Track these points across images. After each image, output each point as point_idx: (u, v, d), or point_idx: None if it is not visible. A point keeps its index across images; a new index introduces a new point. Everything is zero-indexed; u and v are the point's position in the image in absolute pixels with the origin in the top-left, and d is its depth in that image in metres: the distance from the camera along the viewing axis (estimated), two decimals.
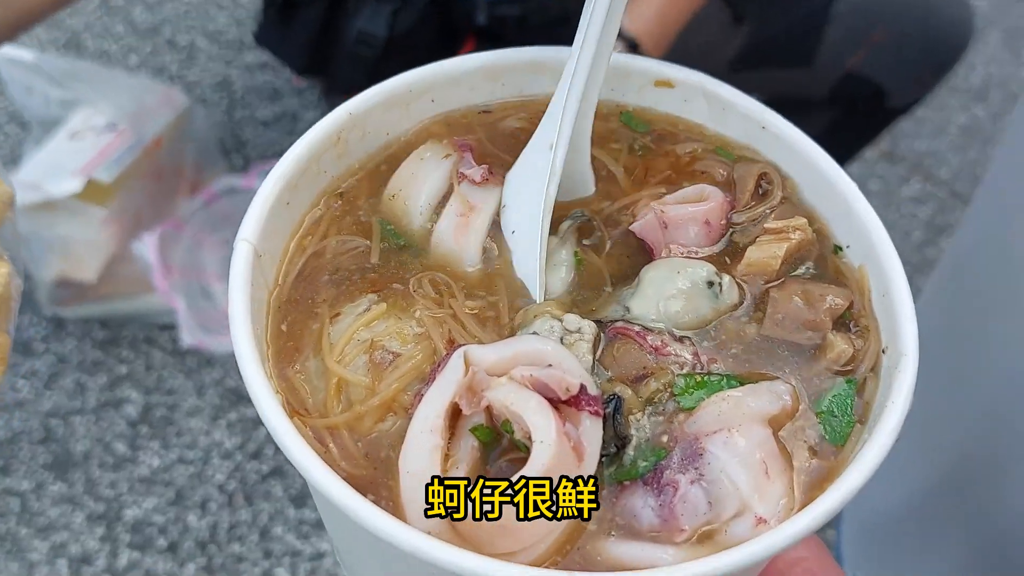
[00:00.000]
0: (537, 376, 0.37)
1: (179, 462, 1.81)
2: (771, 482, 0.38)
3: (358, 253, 0.46)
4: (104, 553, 1.70)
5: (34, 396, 1.87)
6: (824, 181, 0.47)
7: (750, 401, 0.39)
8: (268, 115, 2.33)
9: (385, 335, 0.41)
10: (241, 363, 0.38)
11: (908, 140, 2.76)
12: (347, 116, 0.46)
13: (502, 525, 0.35)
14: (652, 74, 0.50)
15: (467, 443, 0.38)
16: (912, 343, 0.40)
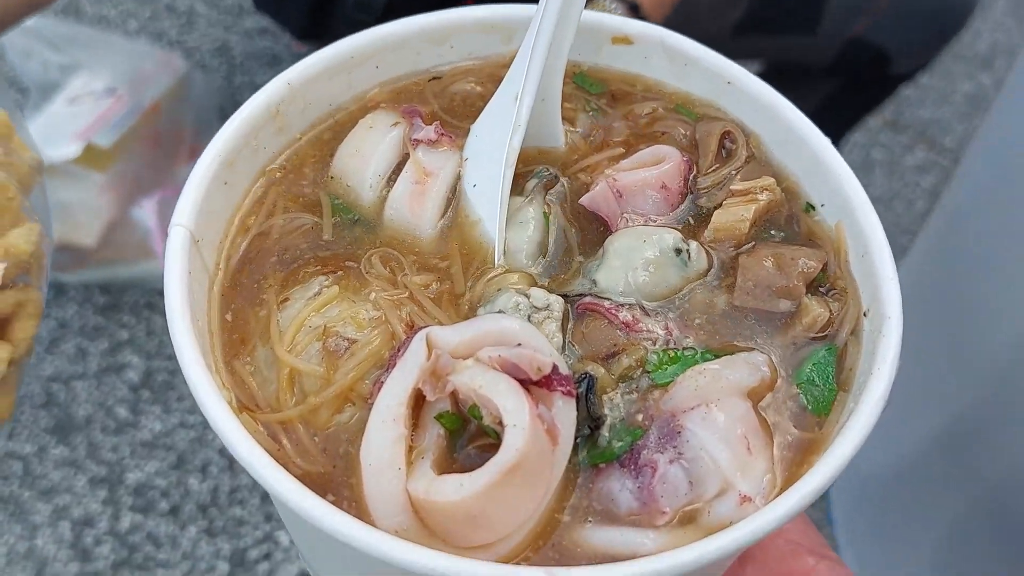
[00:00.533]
0: (506, 357, 0.35)
1: (180, 427, 1.82)
2: (754, 458, 0.36)
3: (306, 231, 0.43)
4: (106, 516, 1.71)
5: (35, 360, 1.86)
6: (793, 136, 0.44)
7: (727, 374, 0.37)
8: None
9: (339, 320, 0.39)
10: (181, 359, 0.36)
11: (912, 108, 2.73)
12: (286, 87, 0.44)
13: (474, 516, 0.33)
14: (608, 30, 0.47)
15: (432, 432, 0.36)
16: (896, 305, 0.38)
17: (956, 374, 0.76)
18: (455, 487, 0.33)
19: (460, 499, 0.32)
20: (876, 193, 2.61)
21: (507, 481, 0.32)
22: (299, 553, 0.48)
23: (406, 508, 0.33)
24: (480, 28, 0.47)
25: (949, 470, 0.77)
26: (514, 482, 0.33)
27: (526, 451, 0.33)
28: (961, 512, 0.75)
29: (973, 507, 0.73)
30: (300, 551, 0.46)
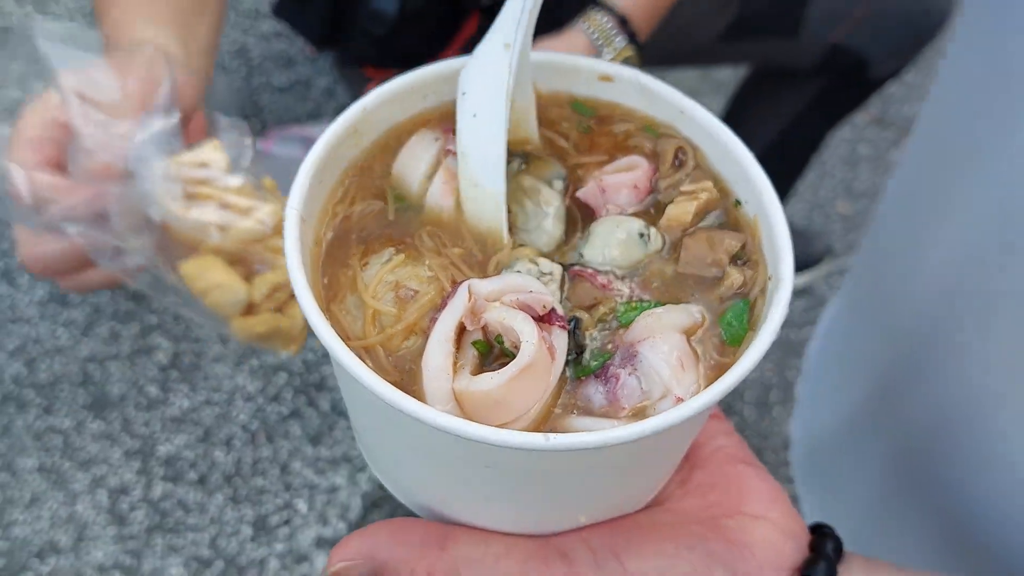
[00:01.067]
0: (522, 299, 0.48)
1: (206, 404, 1.92)
2: (685, 373, 0.48)
3: (376, 214, 0.54)
4: (140, 485, 1.82)
5: (73, 343, 1.98)
6: (727, 151, 0.55)
7: (668, 316, 0.49)
8: (283, 81, 2.41)
9: (406, 277, 0.51)
10: (301, 302, 0.47)
11: (897, 105, 2.83)
12: (361, 111, 0.55)
13: (495, 400, 0.45)
14: (597, 71, 0.59)
15: (469, 352, 0.48)
16: (788, 273, 0.49)
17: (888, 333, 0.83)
18: (487, 379, 0.45)
19: (490, 388, 0.45)
20: (862, 187, 2.71)
21: (521, 376, 0.45)
22: (359, 441, 0.59)
23: (451, 399, 0.45)
24: None
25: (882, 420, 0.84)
26: (526, 378, 0.45)
27: (535, 357, 0.45)
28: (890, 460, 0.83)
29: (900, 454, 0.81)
30: (361, 437, 0.57)
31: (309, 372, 1.97)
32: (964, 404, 0.70)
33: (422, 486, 0.53)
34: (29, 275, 2.05)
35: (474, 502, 0.50)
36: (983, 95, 0.65)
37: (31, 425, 1.88)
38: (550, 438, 0.42)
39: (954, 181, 0.71)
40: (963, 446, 0.70)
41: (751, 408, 2.41)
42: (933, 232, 0.75)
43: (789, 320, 2.47)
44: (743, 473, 0.54)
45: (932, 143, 0.78)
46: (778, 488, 0.54)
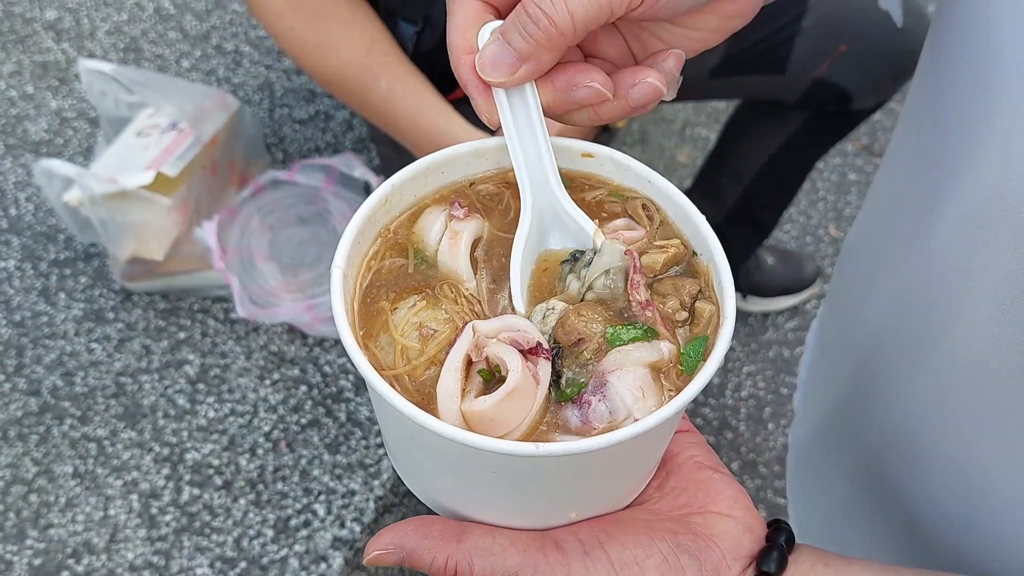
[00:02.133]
0: (512, 336, 0.57)
1: (231, 414, 2.02)
2: (645, 399, 0.55)
3: (399, 268, 0.63)
4: (169, 489, 1.92)
5: (107, 357, 2.10)
6: (684, 213, 0.63)
7: (635, 353, 0.57)
8: (304, 115, 2.52)
9: (428, 319, 0.60)
10: (345, 344, 0.56)
11: (886, 134, 2.94)
12: (390, 187, 0.64)
13: (491, 417, 0.54)
14: (579, 149, 0.66)
15: (475, 379, 0.57)
16: (731, 312, 0.57)
17: (848, 348, 0.88)
18: (482, 401, 0.54)
19: (485, 408, 0.53)
20: (851, 212, 2.82)
21: (509, 398, 0.53)
22: (388, 451, 0.67)
23: (460, 417, 0.54)
24: (501, 148, 0.66)
25: (847, 430, 0.89)
26: (513, 400, 0.54)
27: (519, 383, 0.54)
28: (857, 465, 0.88)
29: (858, 463, 0.86)
30: (391, 448, 0.65)
31: (327, 385, 2.09)
32: (914, 415, 0.76)
33: (440, 489, 0.61)
34: (65, 294, 2.18)
35: (483, 502, 0.59)
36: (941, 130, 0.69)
37: (67, 434, 1.99)
38: (539, 447, 0.52)
39: (911, 210, 0.76)
40: (915, 452, 0.77)
41: (746, 424, 2.50)
42: (890, 259, 0.80)
43: (781, 339, 2.58)
44: (711, 478, 0.61)
45: (896, 171, 0.82)
46: (741, 491, 0.61)
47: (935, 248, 0.70)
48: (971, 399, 0.68)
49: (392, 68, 1.60)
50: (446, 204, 0.66)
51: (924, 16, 2.00)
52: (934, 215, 0.70)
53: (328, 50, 1.59)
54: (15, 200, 2.36)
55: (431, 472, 0.61)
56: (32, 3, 2.82)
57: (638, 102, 0.59)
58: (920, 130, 0.75)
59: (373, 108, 1.63)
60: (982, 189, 0.62)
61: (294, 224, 2.13)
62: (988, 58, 0.61)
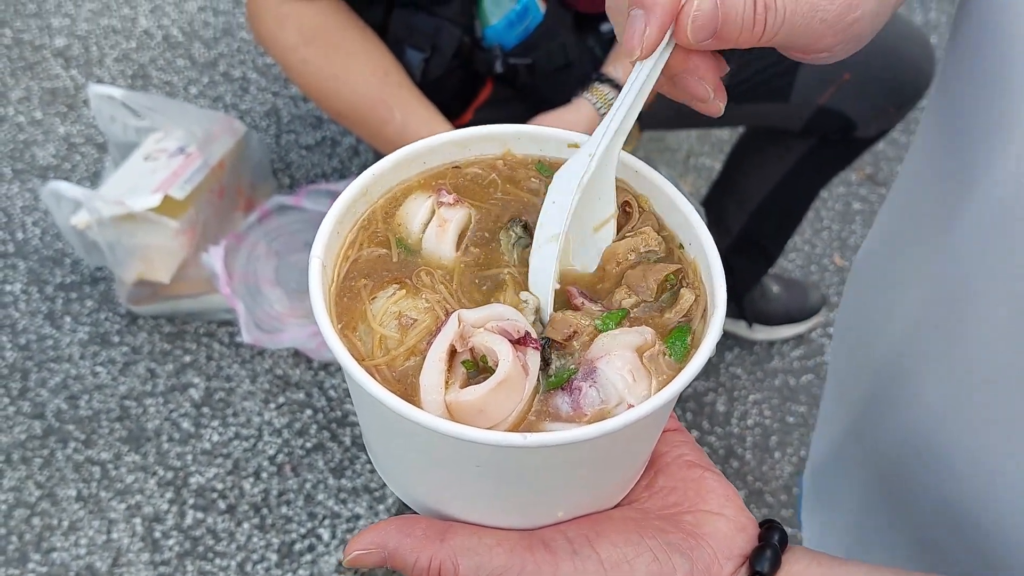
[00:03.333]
0: (501, 325, 0.55)
1: (236, 438, 2.01)
2: (636, 383, 0.54)
3: (380, 258, 0.62)
4: (173, 513, 1.90)
5: (111, 380, 2.09)
6: (671, 202, 0.62)
7: (622, 337, 0.56)
8: (311, 140, 2.53)
9: (407, 308, 0.58)
10: (324, 333, 0.54)
11: (890, 163, 2.94)
12: (371, 176, 0.63)
13: (479, 408, 0.52)
14: (565, 139, 0.66)
15: (459, 370, 0.55)
16: (722, 299, 0.56)
17: (862, 360, 0.88)
18: (472, 391, 0.52)
19: (474, 398, 0.52)
20: (856, 241, 2.82)
21: (499, 388, 0.52)
22: (368, 448, 0.64)
23: (444, 408, 0.53)
24: (486, 138, 0.66)
25: (861, 446, 0.89)
26: (503, 390, 0.52)
27: (510, 373, 0.52)
28: (868, 483, 0.87)
29: (875, 477, 0.85)
30: (370, 444, 0.63)
31: (332, 409, 2.08)
32: (931, 423, 0.76)
33: (423, 487, 0.59)
34: (71, 317, 2.18)
35: (467, 500, 0.57)
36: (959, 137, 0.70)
37: (71, 457, 1.98)
38: (527, 437, 0.50)
39: (929, 220, 0.76)
40: (932, 462, 0.77)
41: (752, 453, 2.48)
42: (904, 277, 0.80)
43: (787, 368, 2.57)
44: (701, 477, 0.59)
45: (908, 194, 0.83)
46: (732, 489, 0.59)
47: (955, 255, 0.70)
48: (991, 405, 0.68)
49: (405, 99, 1.61)
50: (431, 191, 0.65)
51: (928, 45, 2.01)
52: (953, 223, 0.70)
53: (341, 83, 1.60)
54: (22, 224, 2.37)
55: (413, 468, 0.60)
56: (42, 30, 2.85)
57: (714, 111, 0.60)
58: (938, 140, 0.75)
59: (387, 140, 1.63)
60: (1001, 195, 0.62)
61: (300, 249, 2.13)
62: (1006, 66, 0.61)
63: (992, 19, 0.63)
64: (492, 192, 0.66)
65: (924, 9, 3.28)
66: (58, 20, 2.88)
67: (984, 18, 0.64)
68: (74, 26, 2.87)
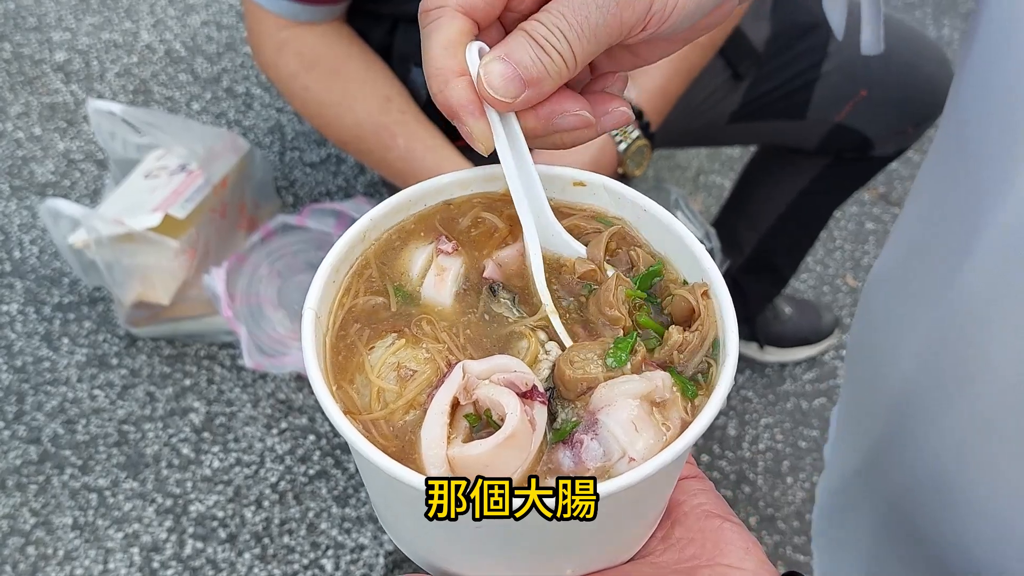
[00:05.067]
0: (508, 377, 0.53)
1: (237, 464, 1.97)
2: (639, 434, 0.51)
3: (376, 306, 0.60)
4: (172, 543, 1.86)
5: (109, 404, 2.05)
6: (681, 243, 0.60)
7: (623, 386, 0.53)
8: (315, 158, 2.49)
9: (406, 359, 0.56)
10: (314, 386, 0.52)
11: (903, 183, 2.92)
12: (368, 221, 0.61)
13: (484, 464, 0.50)
14: (569, 177, 0.64)
15: (461, 424, 0.53)
16: (734, 348, 0.54)
17: (874, 391, 0.87)
18: (477, 446, 0.50)
19: (479, 453, 0.50)
20: (869, 261, 2.79)
21: (505, 445, 0.50)
22: (373, 505, 0.63)
23: (446, 464, 0.50)
24: (487, 179, 0.64)
25: (873, 481, 0.87)
26: (510, 446, 0.50)
27: (517, 428, 0.50)
28: (881, 515, 0.86)
29: (889, 510, 0.84)
30: (375, 503, 0.62)
31: (336, 435, 2.03)
32: (947, 456, 0.74)
33: (424, 544, 0.57)
34: (69, 339, 2.14)
35: (470, 558, 0.55)
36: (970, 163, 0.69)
37: (67, 483, 1.94)
38: None
39: (941, 249, 0.75)
40: (948, 495, 0.75)
41: (763, 477, 2.44)
42: (920, 302, 0.79)
43: (799, 391, 2.53)
44: (720, 527, 0.57)
45: (920, 217, 0.82)
46: (753, 541, 0.57)
47: (968, 284, 0.68)
48: (1009, 436, 0.65)
49: (409, 126, 1.58)
50: (431, 236, 0.63)
51: (946, 62, 1.99)
52: (966, 252, 0.68)
53: (344, 109, 1.57)
54: (19, 243, 2.32)
55: (414, 526, 0.57)
56: (42, 45, 2.81)
57: (607, 128, 0.60)
58: (950, 161, 0.73)
59: (391, 166, 1.60)
60: (1014, 223, 0.60)
61: (304, 270, 2.09)
62: (1019, 85, 0.60)
63: (1004, 39, 0.62)
64: (473, 229, 0.64)
65: (937, 25, 3.25)
66: (58, 34, 2.85)
67: (995, 38, 0.63)
68: (75, 40, 2.84)
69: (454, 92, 0.55)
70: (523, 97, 0.55)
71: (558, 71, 0.55)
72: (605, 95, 0.60)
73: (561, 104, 0.57)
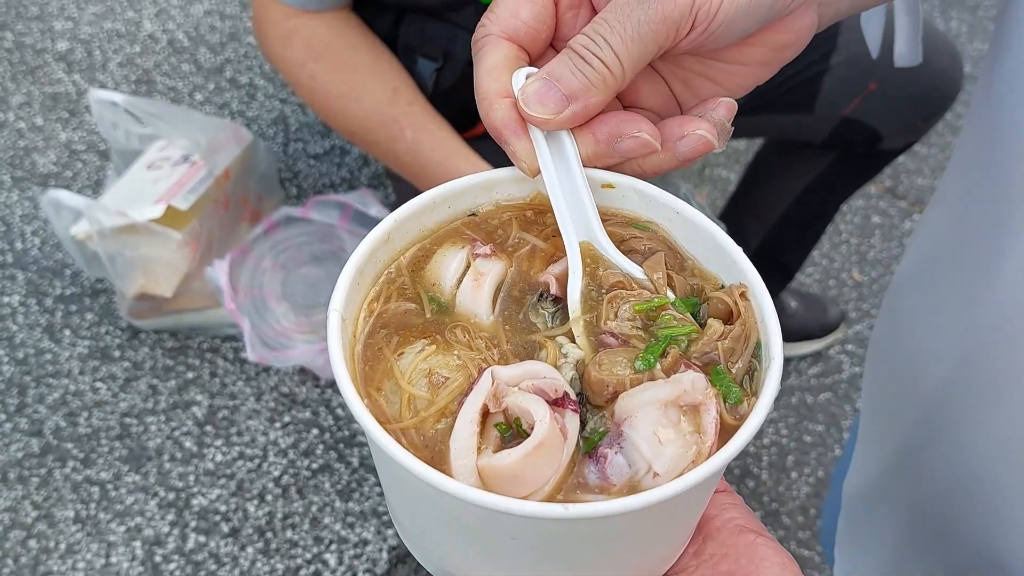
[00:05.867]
0: (538, 384, 0.51)
1: (240, 458, 1.96)
2: (664, 447, 0.49)
3: (407, 312, 0.58)
4: (174, 536, 1.85)
5: (112, 397, 2.04)
6: (717, 246, 0.58)
7: (645, 394, 0.51)
8: (319, 149, 2.48)
9: (438, 365, 0.54)
10: (345, 395, 0.50)
11: (910, 176, 2.90)
12: (393, 222, 0.59)
13: (513, 474, 0.48)
14: (598, 179, 0.61)
15: (492, 433, 0.51)
16: (778, 351, 0.52)
17: (902, 398, 0.85)
18: (506, 455, 0.48)
19: (508, 463, 0.48)
20: (875, 255, 2.77)
21: (534, 454, 0.48)
22: (392, 515, 0.61)
23: (476, 475, 0.49)
24: (513, 181, 0.62)
25: (899, 483, 0.86)
26: (539, 455, 0.48)
27: (547, 436, 0.49)
28: (908, 522, 0.84)
29: (917, 516, 0.83)
30: (395, 512, 0.60)
31: (340, 429, 2.02)
32: (985, 462, 0.72)
33: (452, 558, 0.56)
34: (71, 331, 2.12)
35: (500, 573, 0.54)
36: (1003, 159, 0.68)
37: (69, 476, 1.93)
38: (569, 508, 0.45)
39: (969, 255, 0.74)
40: (985, 503, 0.73)
41: (768, 472, 2.42)
42: (950, 302, 0.77)
43: (804, 385, 2.51)
44: (754, 543, 0.56)
45: (948, 215, 0.80)
46: (788, 557, 0.56)
47: (1004, 288, 0.66)
48: None
49: (417, 117, 1.56)
50: (464, 242, 0.61)
51: (957, 56, 1.97)
52: (1000, 256, 0.66)
53: (351, 100, 1.55)
54: (21, 233, 2.31)
55: (441, 540, 0.56)
56: (44, 34, 2.79)
57: (686, 155, 0.57)
58: (977, 170, 0.72)
59: (398, 158, 1.59)
60: None
61: (308, 263, 2.08)
62: None
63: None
64: (518, 247, 0.62)
65: (944, 18, 3.22)
66: (60, 23, 2.83)
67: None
68: (77, 30, 2.82)
69: (497, 113, 0.55)
70: (567, 113, 0.54)
71: (602, 80, 0.53)
72: (684, 118, 0.57)
73: (621, 126, 0.56)
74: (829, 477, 2.37)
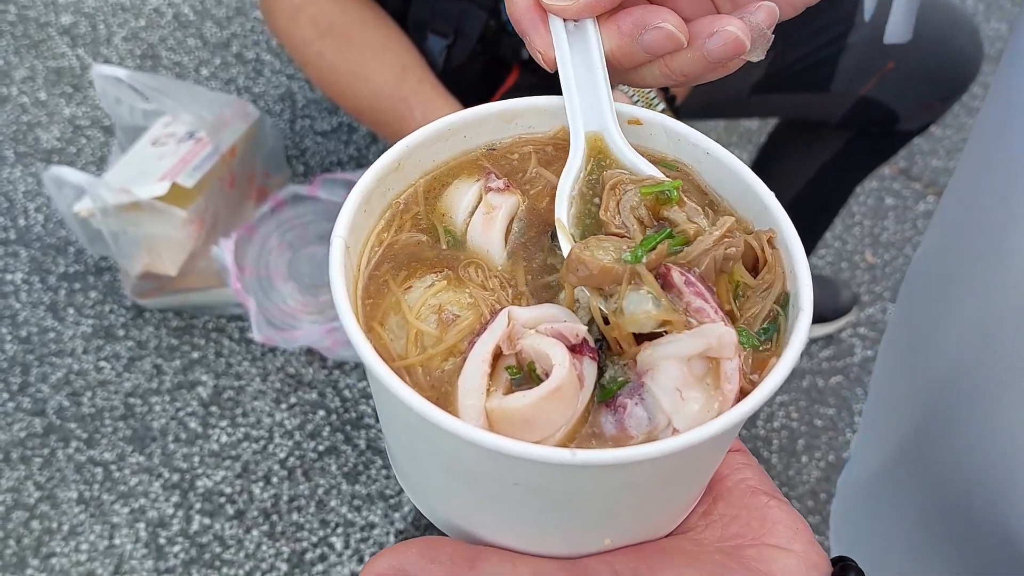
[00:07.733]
0: (557, 327, 0.49)
1: (245, 439, 1.95)
2: (684, 403, 0.47)
3: (419, 244, 0.56)
4: (179, 518, 1.84)
5: (116, 377, 2.02)
6: (747, 188, 0.56)
7: (667, 348, 0.49)
8: (326, 126, 2.45)
9: (448, 302, 0.52)
10: (344, 323, 0.48)
11: (924, 158, 2.86)
12: (404, 148, 0.57)
13: (524, 418, 0.46)
14: (626, 114, 0.59)
15: (502, 376, 0.49)
16: (807, 302, 0.50)
17: (921, 390, 0.84)
18: (519, 397, 0.46)
19: (521, 406, 0.46)
20: (888, 238, 2.74)
21: (550, 398, 0.46)
22: (391, 458, 0.59)
23: (483, 417, 0.47)
24: (536, 112, 0.60)
25: (913, 470, 0.85)
26: (554, 400, 0.46)
27: (565, 380, 0.46)
28: (923, 509, 0.84)
29: (933, 503, 0.82)
30: (394, 454, 0.58)
31: (347, 410, 2.00)
32: (994, 454, 0.71)
33: (452, 505, 0.54)
34: (74, 309, 2.10)
35: (502, 522, 0.52)
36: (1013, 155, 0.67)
37: (72, 457, 1.91)
38: (576, 453, 0.43)
39: (986, 237, 0.73)
40: (1007, 492, 0.72)
41: (778, 456, 2.41)
42: (967, 285, 0.76)
43: (816, 368, 2.49)
44: (767, 505, 0.54)
45: (965, 198, 0.79)
46: (801, 520, 0.54)
47: (1019, 270, 0.65)
48: None
49: (427, 96, 1.54)
50: (479, 174, 0.58)
51: (977, 35, 1.93)
52: (1019, 234, 0.65)
53: (360, 79, 1.53)
54: (24, 210, 2.28)
55: (442, 484, 0.54)
56: (47, 7, 2.75)
57: (716, 55, 0.53)
58: (988, 152, 0.71)
59: None
60: None
61: (315, 242, 2.05)
62: None
63: None
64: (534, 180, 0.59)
65: None
66: None
67: None
68: (81, 3, 2.78)
69: (518, 4, 0.55)
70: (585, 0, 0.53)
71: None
72: (717, 16, 0.54)
73: (645, 16, 0.54)
74: (840, 461, 2.35)
